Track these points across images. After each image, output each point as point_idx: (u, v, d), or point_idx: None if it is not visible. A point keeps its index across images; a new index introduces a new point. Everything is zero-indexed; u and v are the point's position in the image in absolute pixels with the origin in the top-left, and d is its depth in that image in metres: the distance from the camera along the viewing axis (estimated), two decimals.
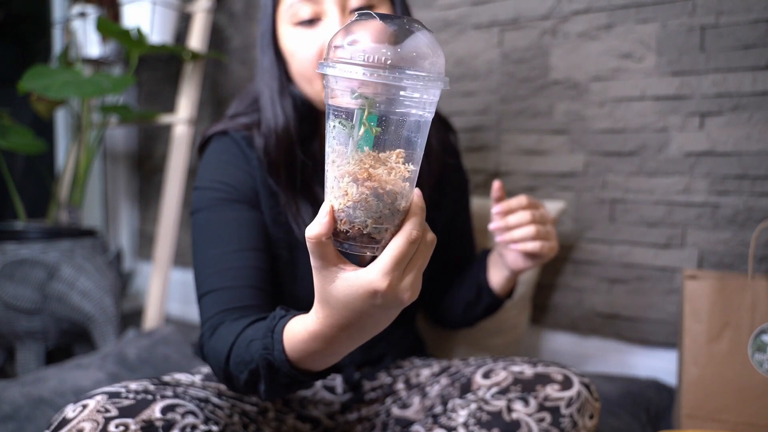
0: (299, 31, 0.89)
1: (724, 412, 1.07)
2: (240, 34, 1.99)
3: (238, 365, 0.73)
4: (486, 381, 0.85)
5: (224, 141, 0.96)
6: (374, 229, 0.55)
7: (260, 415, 0.91)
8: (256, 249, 0.87)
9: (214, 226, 0.88)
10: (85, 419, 0.69)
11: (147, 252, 2.31)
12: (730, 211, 1.25)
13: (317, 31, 0.88)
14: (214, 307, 0.82)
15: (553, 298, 1.48)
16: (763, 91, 1.20)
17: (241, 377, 0.73)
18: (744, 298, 1.08)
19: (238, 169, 0.92)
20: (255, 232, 0.88)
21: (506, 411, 0.80)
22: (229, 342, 0.75)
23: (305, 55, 0.88)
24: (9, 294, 1.55)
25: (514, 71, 1.48)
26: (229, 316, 0.80)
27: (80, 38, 1.89)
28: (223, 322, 0.80)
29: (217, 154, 0.95)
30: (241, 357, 0.72)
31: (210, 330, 0.81)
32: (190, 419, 0.73)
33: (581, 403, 0.80)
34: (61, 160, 2.15)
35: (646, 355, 1.37)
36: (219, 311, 0.81)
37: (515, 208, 0.92)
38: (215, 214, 0.89)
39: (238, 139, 0.95)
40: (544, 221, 0.93)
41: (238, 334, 0.75)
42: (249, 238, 0.87)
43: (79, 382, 1.23)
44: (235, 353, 0.74)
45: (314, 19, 0.88)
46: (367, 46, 0.52)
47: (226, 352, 0.75)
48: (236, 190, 0.90)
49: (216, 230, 0.87)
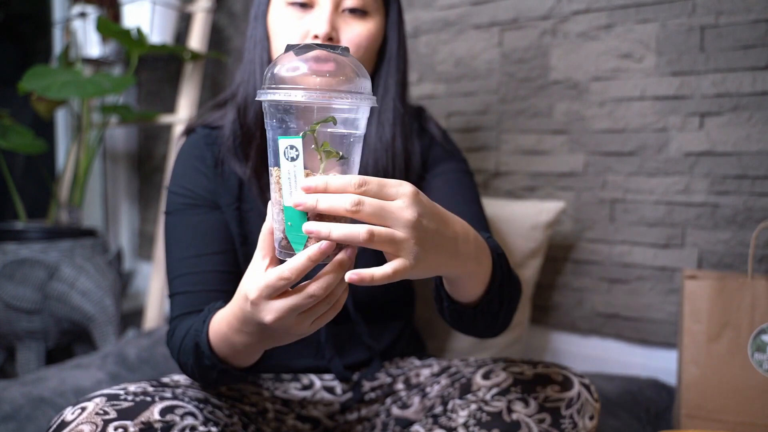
0: (289, 11, 0.89)
1: (724, 412, 1.07)
2: (240, 34, 1.99)
3: (184, 354, 0.80)
4: (486, 382, 0.85)
5: (189, 141, 0.99)
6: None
7: (260, 415, 0.91)
8: (216, 252, 0.90)
9: (178, 230, 0.92)
10: (84, 422, 0.69)
11: (147, 252, 2.31)
12: (729, 211, 1.25)
13: (305, 18, 0.88)
14: (176, 310, 0.87)
15: (553, 298, 1.48)
16: (762, 91, 1.20)
17: (187, 368, 0.81)
18: (744, 298, 1.08)
19: (198, 172, 0.95)
20: (216, 235, 0.92)
21: (506, 412, 0.80)
22: (179, 338, 0.82)
23: (287, 35, 0.89)
24: (9, 294, 1.55)
25: (514, 71, 1.48)
26: (187, 318, 0.85)
27: (80, 38, 1.89)
28: (180, 324, 0.85)
29: (182, 157, 0.98)
30: (186, 347, 0.79)
31: (171, 331, 0.86)
32: (189, 420, 0.74)
33: (581, 404, 0.80)
34: (61, 160, 2.15)
35: (646, 355, 1.37)
36: (179, 314, 0.87)
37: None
38: (180, 218, 0.93)
39: (199, 139, 0.98)
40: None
41: (186, 331, 0.81)
42: (209, 242, 0.91)
43: (79, 382, 1.23)
44: (183, 344, 0.80)
45: (306, 4, 0.88)
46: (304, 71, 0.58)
47: (177, 348, 0.82)
48: (197, 195, 0.94)
49: (180, 234, 0.91)
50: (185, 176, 0.95)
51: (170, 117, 1.85)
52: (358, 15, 0.90)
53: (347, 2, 0.88)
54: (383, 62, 0.96)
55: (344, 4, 0.89)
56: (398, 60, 0.97)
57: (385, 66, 0.96)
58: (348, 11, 0.89)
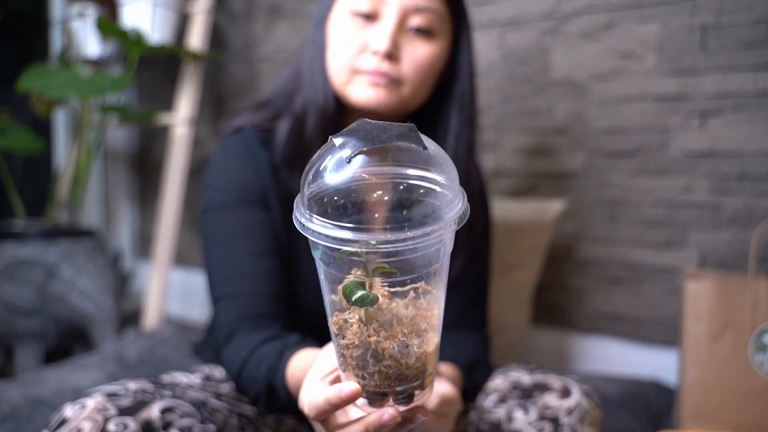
0: (351, 20, 0.85)
1: (725, 412, 1.07)
2: (240, 35, 1.99)
3: (248, 382, 0.78)
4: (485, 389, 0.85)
5: (236, 139, 0.93)
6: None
7: (259, 416, 0.91)
8: (269, 253, 0.86)
9: (226, 227, 0.87)
10: (85, 418, 0.69)
11: (147, 252, 2.30)
12: (730, 211, 1.25)
13: (367, 31, 0.85)
14: (229, 313, 0.83)
15: (553, 298, 1.48)
16: (763, 91, 1.20)
17: (250, 393, 0.79)
18: (745, 298, 1.08)
19: (251, 169, 0.90)
20: (267, 234, 0.87)
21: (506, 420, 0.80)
22: (242, 356, 0.78)
23: (345, 46, 0.85)
24: (9, 294, 1.55)
25: (514, 71, 1.47)
26: (244, 325, 0.82)
27: (80, 38, 1.89)
28: (238, 331, 0.81)
29: (232, 152, 0.92)
30: (252, 376, 0.77)
31: (226, 338, 0.82)
32: (188, 420, 0.73)
33: (581, 411, 0.80)
34: (60, 160, 2.15)
35: (646, 355, 1.37)
36: (234, 318, 0.82)
37: None
38: (227, 215, 0.88)
39: (251, 138, 0.92)
40: None
41: (251, 351, 0.78)
42: (262, 241, 0.86)
43: (78, 383, 1.23)
44: (247, 370, 0.78)
45: (370, 15, 0.84)
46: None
47: (239, 366, 0.79)
48: (247, 191, 0.89)
49: (229, 232, 0.86)
50: (236, 171, 0.90)
51: (170, 117, 1.85)
52: (423, 35, 0.85)
53: (414, 21, 0.84)
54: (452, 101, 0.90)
55: (410, 22, 0.84)
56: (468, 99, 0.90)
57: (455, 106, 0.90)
58: (413, 31, 0.85)
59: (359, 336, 0.47)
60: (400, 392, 0.50)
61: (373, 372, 0.48)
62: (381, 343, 0.47)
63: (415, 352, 0.48)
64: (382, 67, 0.83)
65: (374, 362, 0.48)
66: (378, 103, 0.84)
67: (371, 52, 0.83)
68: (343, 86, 0.87)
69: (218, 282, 0.85)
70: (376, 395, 0.51)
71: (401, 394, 0.50)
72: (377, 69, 0.83)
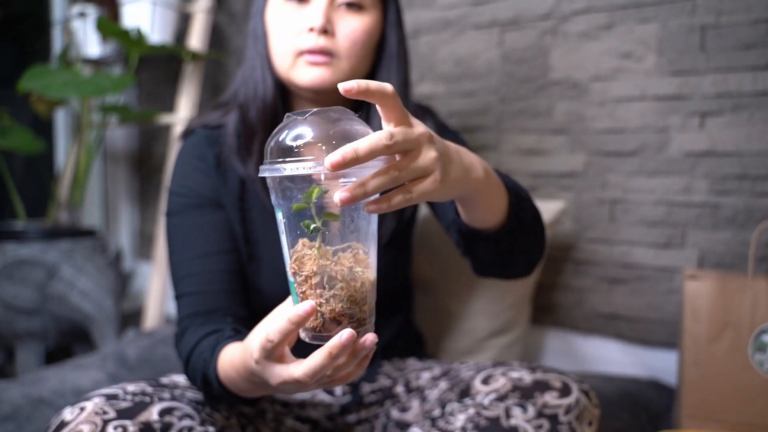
0: (286, 5, 0.90)
1: (725, 412, 1.07)
2: (240, 34, 1.99)
3: (191, 374, 0.82)
4: (485, 387, 0.85)
5: (189, 141, 0.99)
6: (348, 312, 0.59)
7: (258, 416, 0.91)
8: (221, 252, 0.91)
9: (182, 230, 0.92)
10: (84, 421, 0.69)
11: (147, 252, 2.31)
12: (730, 211, 1.25)
13: (301, 11, 0.89)
14: (184, 311, 0.87)
15: (553, 298, 1.48)
16: (763, 91, 1.20)
17: (195, 384, 0.82)
18: (744, 298, 1.08)
19: (200, 172, 0.95)
20: (221, 234, 0.92)
21: (504, 417, 0.80)
22: (188, 350, 0.82)
23: (284, 30, 0.90)
24: (9, 294, 1.55)
25: (514, 71, 1.47)
26: (194, 321, 0.85)
27: (80, 38, 1.89)
28: (189, 327, 0.85)
29: (183, 157, 0.97)
30: (193, 368, 0.80)
31: (180, 334, 0.86)
32: (187, 422, 0.74)
33: (580, 410, 0.80)
34: (61, 160, 2.15)
35: (646, 355, 1.37)
36: (187, 315, 0.87)
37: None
38: (182, 219, 0.92)
39: (200, 139, 0.97)
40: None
41: (194, 345, 0.82)
42: (215, 241, 0.91)
43: (79, 383, 1.23)
44: (191, 363, 0.81)
45: None
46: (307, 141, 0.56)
47: (185, 359, 0.83)
48: (200, 195, 0.93)
49: (184, 235, 0.91)
50: (187, 176, 0.95)
51: (170, 117, 1.85)
52: (353, 9, 0.90)
53: None
54: (383, 62, 0.96)
55: None
56: (399, 59, 0.96)
57: (385, 66, 0.96)
58: (344, 6, 0.89)
59: (317, 263, 0.57)
60: (351, 317, 0.58)
61: (329, 297, 0.57)
62: (333, 267, 0.57)
63: (361, 277, 0.58)
64: (320, 43, 0.88)
65: (329, 287, 0.57)
66: (322, 81, 0.89)
67: (307, 30, 0.88)
68: (287, 71, 0.91)
69: (176, 282, 0.90)
70: (332, 322, 0.58)
71: (352, 318, 0.58)
72: (315, 45, 0.88)
